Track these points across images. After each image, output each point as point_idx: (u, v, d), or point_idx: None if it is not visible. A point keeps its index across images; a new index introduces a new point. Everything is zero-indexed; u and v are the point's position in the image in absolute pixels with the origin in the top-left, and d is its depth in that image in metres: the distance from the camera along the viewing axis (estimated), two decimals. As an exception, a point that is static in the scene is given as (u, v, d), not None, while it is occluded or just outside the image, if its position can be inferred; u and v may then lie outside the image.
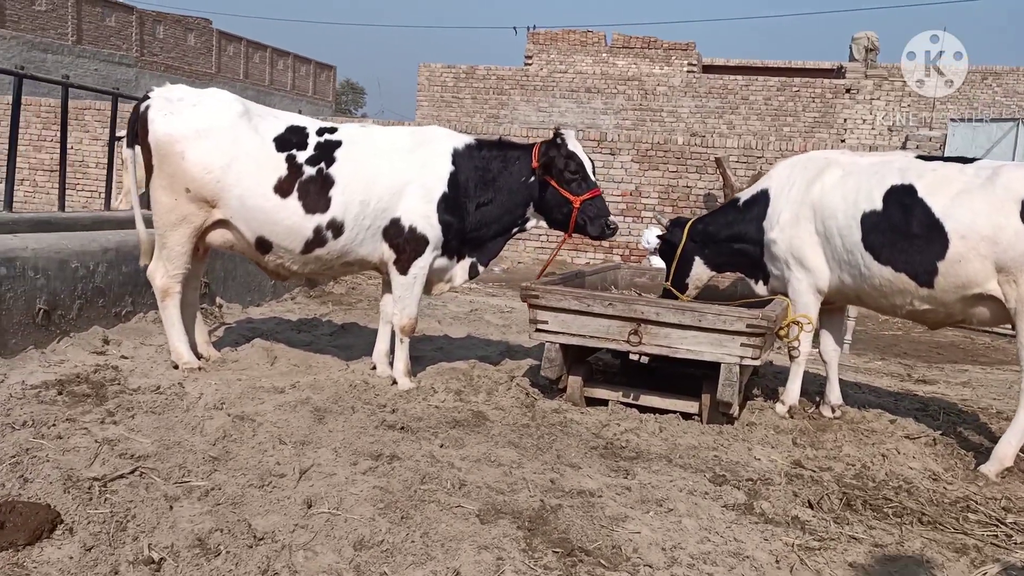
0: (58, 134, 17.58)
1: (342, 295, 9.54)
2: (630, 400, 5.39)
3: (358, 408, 4.91)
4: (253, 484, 3.63)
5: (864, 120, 22.85)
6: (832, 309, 5.73)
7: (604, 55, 28.60)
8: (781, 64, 30.47)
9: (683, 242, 6.08)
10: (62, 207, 7.39)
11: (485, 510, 3.64)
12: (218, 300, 7.38)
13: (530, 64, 27.89)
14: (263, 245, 5.19)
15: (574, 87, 24.54)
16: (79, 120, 17.96)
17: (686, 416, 5.30)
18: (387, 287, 5.67)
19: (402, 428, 4.66)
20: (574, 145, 5.35)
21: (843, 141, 22.09)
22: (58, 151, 8.12)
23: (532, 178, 5.37)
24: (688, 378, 5.83)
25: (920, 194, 4.90)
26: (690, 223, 6.18)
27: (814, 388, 6.25)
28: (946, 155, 14.10)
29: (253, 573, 2.93)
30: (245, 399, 4.86)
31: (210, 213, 5.15)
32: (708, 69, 28.82)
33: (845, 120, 22.86)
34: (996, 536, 3.91)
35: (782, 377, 6.86)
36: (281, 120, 5.29)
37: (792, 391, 5.68)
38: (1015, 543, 3.83)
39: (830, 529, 3.80)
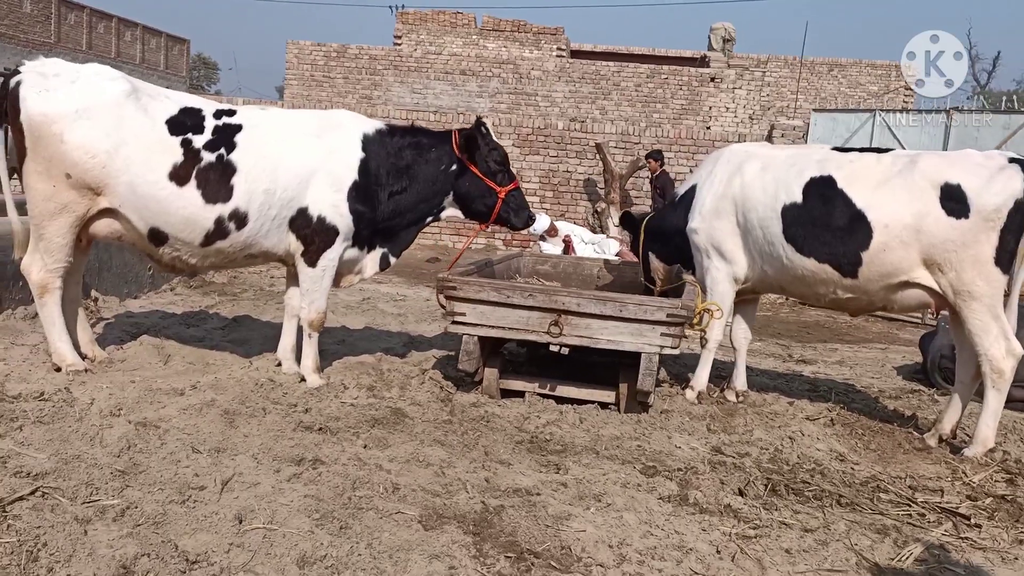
0: None
1: (224, 284, 9.05)
2: (547, 391, 5.34)
3: (269, 409, 4.63)
4: (173, 500, 3.33)
5: (727, 108, 23.73)
6: (747, 299, 5.87)
7: (474, 37, 28.47)
8: (647, 51, 31.29)
9: (641, 239, 6.16)
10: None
11: (426, 515, 3.49)
12: (93, 293, 6.81)
13: (399, 44, 27.40)
14: (157, 237, 4.78)
15: (449, 69, 24.27)
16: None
17: (603, 406, 5.30)
18: (292, 280, 5.37)
19: (320, 429, 4.42)
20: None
21: (708, 128, 22.88)
22: None
23: (453, 167, 5.21)
24: (598, 366, 5.86)
25: (840, 185, 5.05)
26: (645, 220, 6.25)
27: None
28: (809, 143, 14.83)
29: (191, 602, 2.67)
30: (143, 403, 4.48)
31: (94, 201, 4.70)
32: (576, 54, 29.22)
33: (710, 108, 23.67)
34: (911, 516, 4.09)
35: (680, 362, 7.02)
36: (173, 101, 4.89)
37: (701, 377, 5.79)
38: (928, 522, 4.03)
39: (761, 516, 3.87)
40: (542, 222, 11.05)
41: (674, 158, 15.76)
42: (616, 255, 10.67)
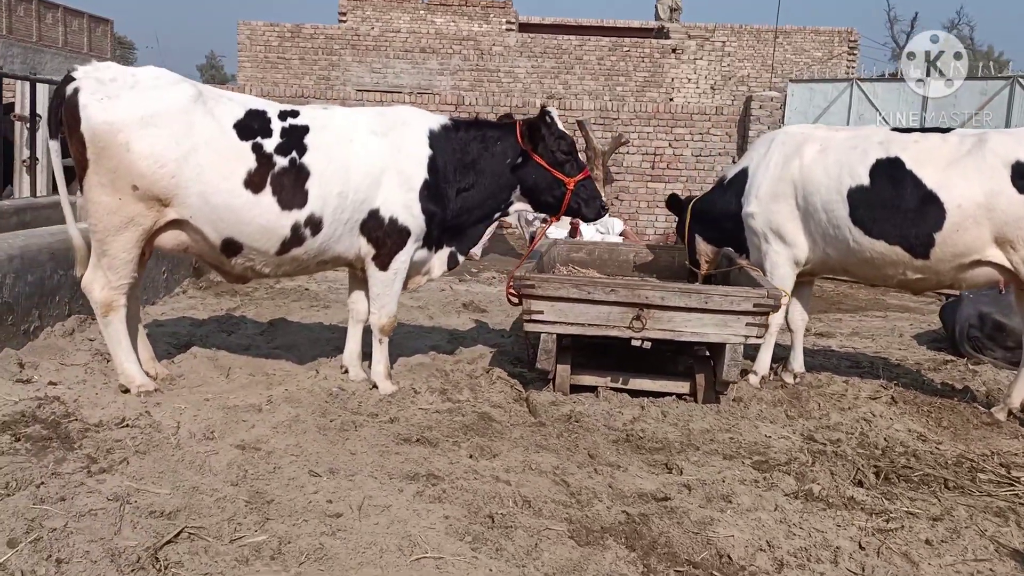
0: None
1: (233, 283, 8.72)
2: (619, 385, 5.28)
3: (359, 422, 4.49)
4: (323, 532, 3.19)
5: (689, 79, 23.82)
6: (803, 281, 5.86)
7: (421, 12, 27.95)
8: (595, 22, 31.17)
9: (687, 221, 6.08)
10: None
11: (575, 530, 3.41)
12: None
13: (344, 21, 26.77)
14: (231, 248, 4.55)
15: (408, 47, 23.82)
16: None
17: (679, 397, 5.26)
18: (356, 283, 5.19)
19: (418, 441, 4.30)
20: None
21: (671, 100, 22.92)
22: None
23: (519, 159, 5.06)
24: (649, 354, 5.78)
25: (909, 166, 5.05)
26: (692, 203, 6.18)
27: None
28: (786, 114, 14.95)
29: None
30: (231, 424, 4.29)
31: (162, 213, 4.44)
32: (525, 27, 28.96)
33: (672, 80, 23.72)
34: (1018, 495, 4.14)
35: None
36: (236, 103, 4.63)
37: (763, 361, 5.79)
38: (1039, 501, 4.09)
39: (887, 507, 3.87)
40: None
41: (652, 132, 15.74)
42: (620, 235, 10.64)
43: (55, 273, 5.40)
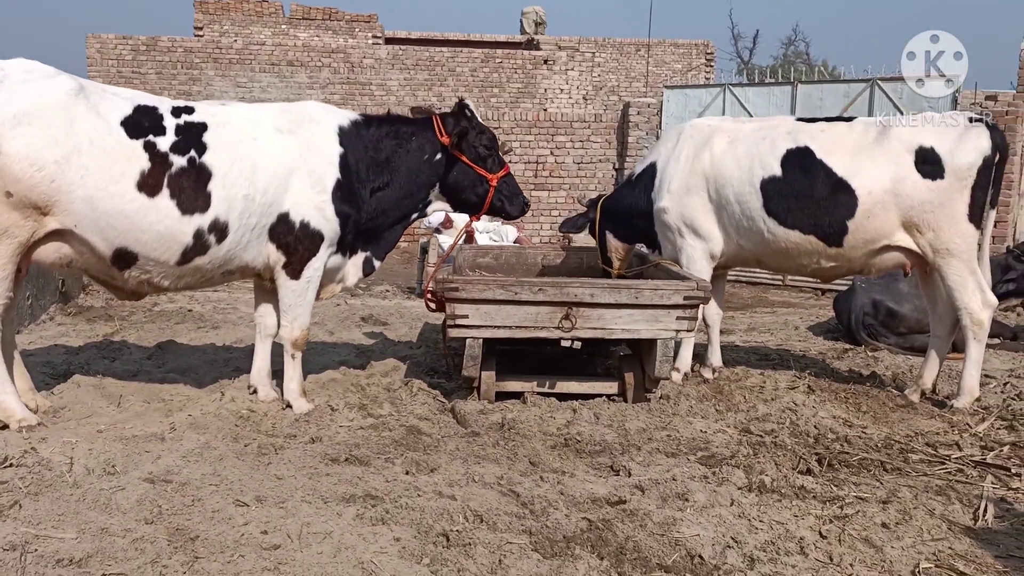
0: None
1: (104, 308, 8.01)
2: (546, 389, 5.09)
3: (279, 445, 4.10)
4: (265, 567, 2.82)
5: (562, 90, 24.10)
6: (717, 274, 5.84)
7: (283, 27, 27.19)
8: (462, 36, 31.20)
9: (598, 219, 5.92)
10: None
11: (538, 542, 3.18)
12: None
13: (201, 35, 25.68)
14: (123, 259, 4.07)
15: (274, 60, 23.01)
16: None
17: (608, 398, 5.12)
18: (263, 295, 4.78)
19: (347, 460, 3.96)
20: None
21: (545, 110, 23.10)
22: None
23: (437, 156, 4.79)
24: (567, 358, 5.65)
25: (819, 155, 5.09)
26: (601, 200, 6.04)
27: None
28: (663, 119, 15.28)
29: None
30: (133, 456, 3.82)
31: (41, 223, 3.92)
32: (391, 41, 28.65)
33: (545, 90, 23.93)
34: (951, 473, 4.21)
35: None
36: (123, 98, 4.16)
37: (685, 358, 5.74)
38: (971, 477, 4.15)
39: (837, 493, 3.83)
40: (437, 215, 10.67)
41: (533, 140, 15.76)
42: (515, 242, 10.49)
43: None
